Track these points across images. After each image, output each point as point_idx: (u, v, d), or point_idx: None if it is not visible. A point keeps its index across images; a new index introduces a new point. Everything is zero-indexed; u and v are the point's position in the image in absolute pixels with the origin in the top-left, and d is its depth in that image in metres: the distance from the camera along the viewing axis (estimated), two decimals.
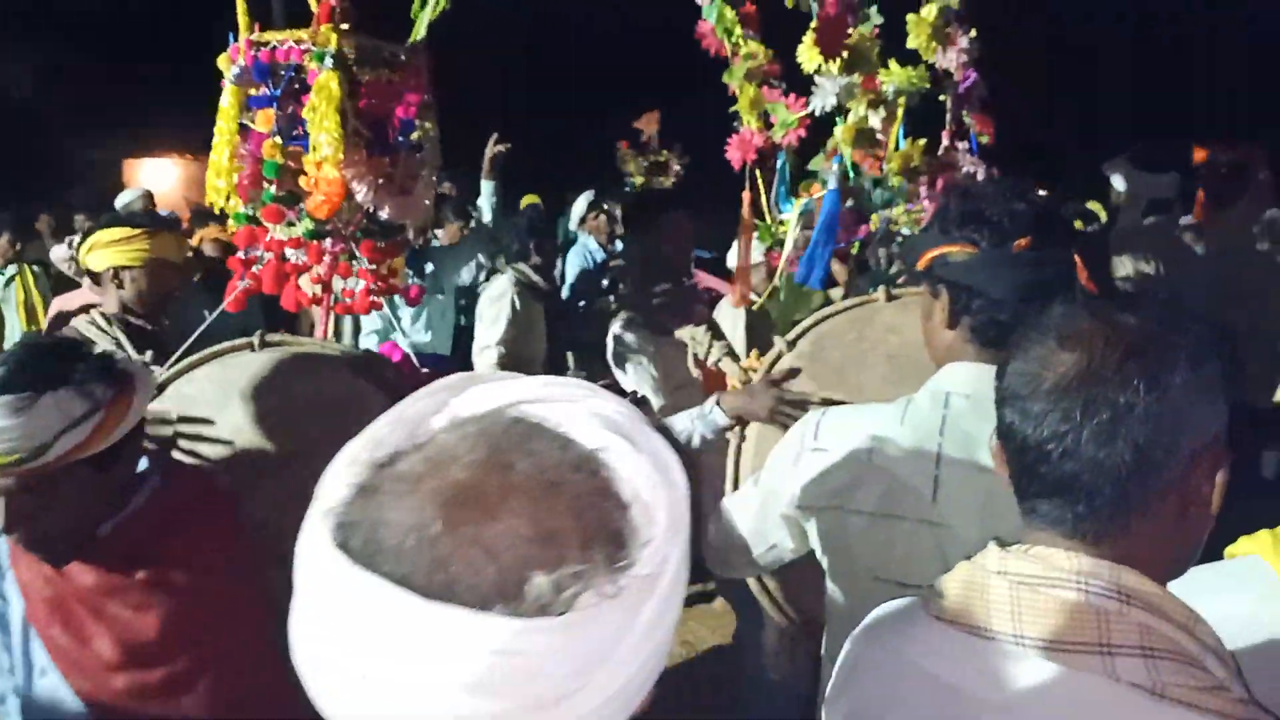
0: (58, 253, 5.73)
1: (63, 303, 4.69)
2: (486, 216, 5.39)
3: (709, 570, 2.17)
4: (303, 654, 0.73)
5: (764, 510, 1.91)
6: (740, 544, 1.98)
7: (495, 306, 4.87)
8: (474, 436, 0.74)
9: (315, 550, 0.72)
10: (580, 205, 7.42)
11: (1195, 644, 1.01)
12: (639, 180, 6.78)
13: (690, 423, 2.78)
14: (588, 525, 0.71)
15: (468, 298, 6.10)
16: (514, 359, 4.92)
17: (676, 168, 6.86)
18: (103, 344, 3.09)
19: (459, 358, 5.34)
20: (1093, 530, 1.07)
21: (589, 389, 0.83)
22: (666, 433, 0.90)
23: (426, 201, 2.89)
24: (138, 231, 3.18)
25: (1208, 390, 1.07)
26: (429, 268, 5.47)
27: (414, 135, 2.78)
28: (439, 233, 6.55)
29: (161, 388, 2.54)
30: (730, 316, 3.95)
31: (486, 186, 5.28)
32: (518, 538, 0.69)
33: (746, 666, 3.39)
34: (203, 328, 2.84)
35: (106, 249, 3.18)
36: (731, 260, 4.08)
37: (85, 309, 3.52)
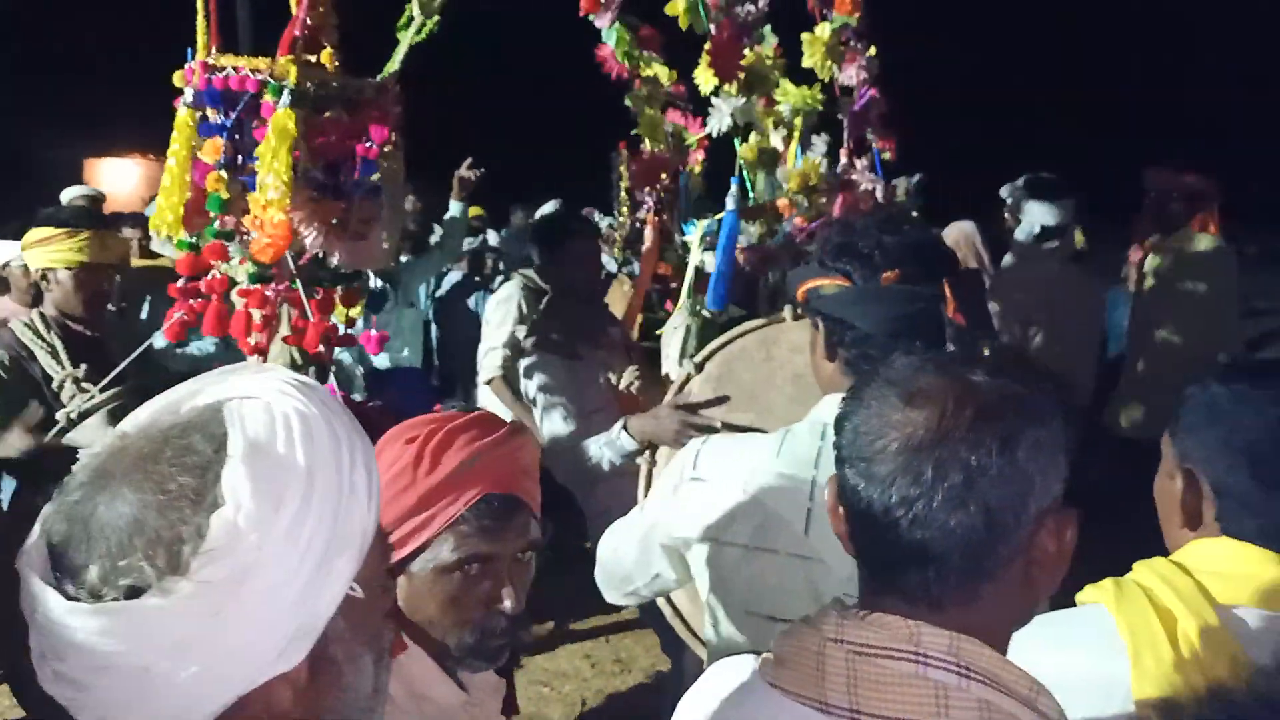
0: None
1: None
2: (457, 240, 5.31)
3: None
4: None
5: (647, 539, 1.90)
6: (626, 571, 1.97)
7: (501, 309, 4.84)
8: (167, 424, 0.84)
9: None
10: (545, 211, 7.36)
11: (1037, 718, 0.97)
12: (627, 183, 6.80)
13: (600, 448, 2.78)
14: (161, 528, 0.77)
15: (441, 311, 6.09)
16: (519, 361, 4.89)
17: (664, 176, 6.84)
18: (38, 350, 2.98)
19: (443, 370, 5.29)
20: (939, 598, 1.01)
21: (293, 386, 0.88)
22: None
23: (385, 246, 2.70)
24: (59, 232, 3.03)
25: (1055, 450, 1.03)
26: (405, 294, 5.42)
27: (375, 176, 2.60)
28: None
29: (84, 416, 2.47)
30: (679, 334, 3.93)
31: (455, 207, 5.20)
32: (107, 527, 0.78)
33: (669, 688, 3.38)
34: (136, 354, 2.75)
35: (36, 248, 3.06)
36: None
37: None
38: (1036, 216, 4.24)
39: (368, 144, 2.54)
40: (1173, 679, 1.22)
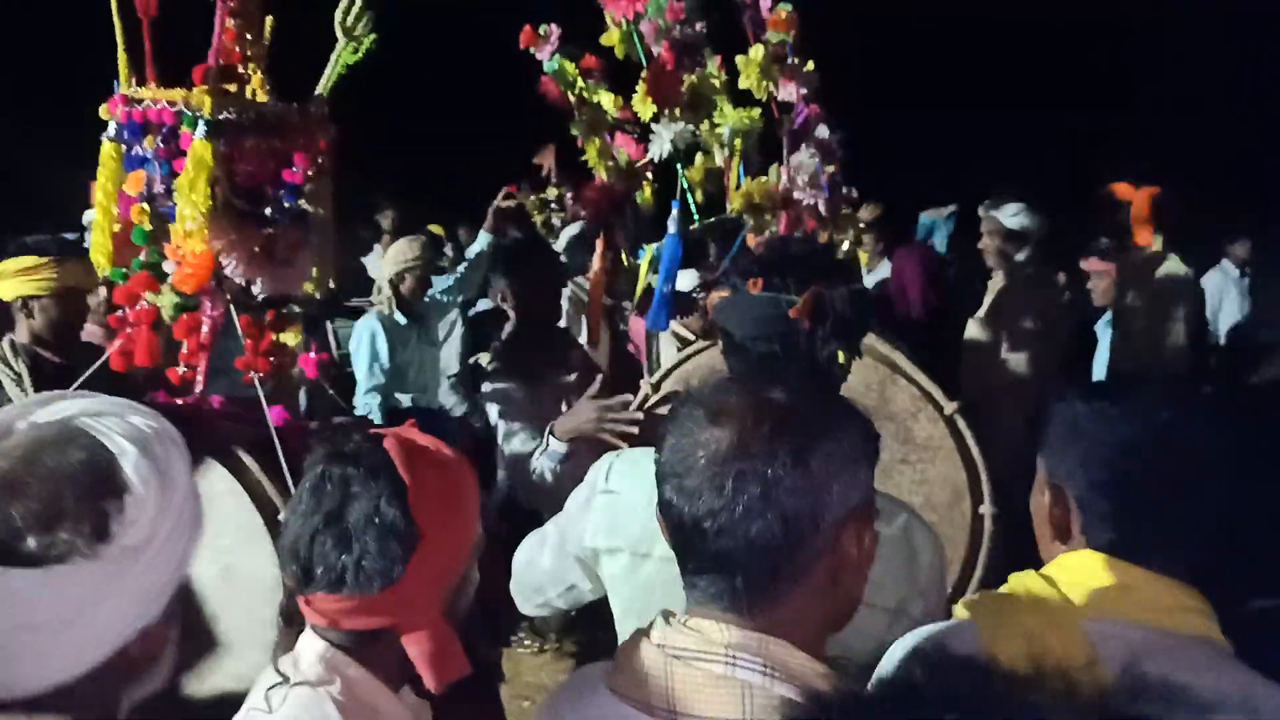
0: None
1: None
2: (479, 273, 5.18)
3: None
4: None
5: (560, 550, 1.93)
6: (539, 581, 2.00)
7: None
8: (29, 437, 1.05)
9: None
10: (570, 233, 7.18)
11: None
12: (538, 218, 6.59)
13: (539, 460, 2.83)
14: (83, 508, 1.01)
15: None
16: None
17: (569, 200, 6.58)
18: (4, 379, 3.04)
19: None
20: (747, 602, 1.09)
21: (136, 409, 1.14)
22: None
23: (315, 269, 2.67)
24: (43, 260, 3.10)
25: (850, 460, 1.11)
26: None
27: (300, 201, 2.61)
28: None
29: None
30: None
31: (484, 239, 5.12)
32: (28, 512, 1.00)
33: None
34: (79, 382, 2.80)
35: (13, 279, 3.11)
36: None
37: None
38: (1037, 234, 4.20)
39: (293, 169, 2.54)
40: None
